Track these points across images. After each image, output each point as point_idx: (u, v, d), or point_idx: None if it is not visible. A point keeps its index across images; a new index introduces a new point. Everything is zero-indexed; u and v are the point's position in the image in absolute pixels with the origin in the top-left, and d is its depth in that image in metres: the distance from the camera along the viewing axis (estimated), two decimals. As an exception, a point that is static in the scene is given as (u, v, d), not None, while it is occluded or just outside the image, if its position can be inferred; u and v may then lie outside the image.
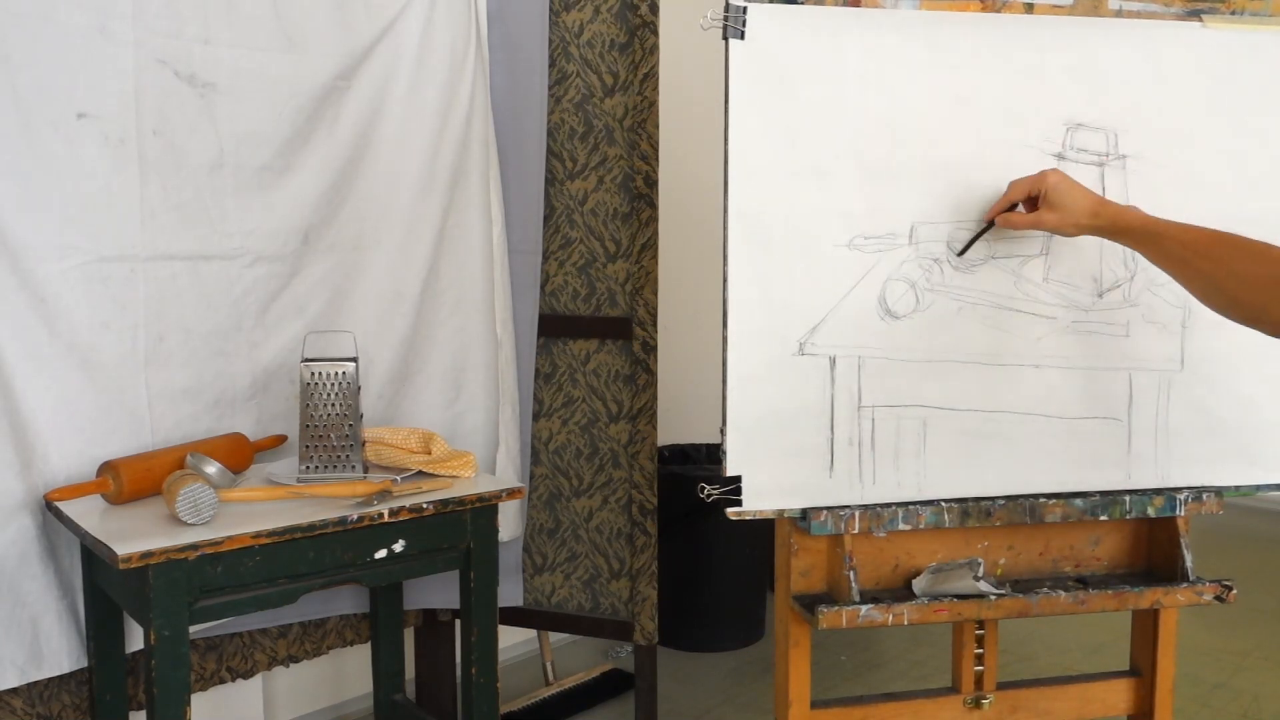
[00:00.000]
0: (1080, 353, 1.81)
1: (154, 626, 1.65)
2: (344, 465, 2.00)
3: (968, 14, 1.76)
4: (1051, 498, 1.81)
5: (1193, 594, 1.80)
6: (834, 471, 1.75)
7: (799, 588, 1.80)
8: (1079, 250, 1.80)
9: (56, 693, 1.96)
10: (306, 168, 2.20)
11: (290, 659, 2.35)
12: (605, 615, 2.55)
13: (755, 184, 1.70)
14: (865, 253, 1.74)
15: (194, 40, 2.02)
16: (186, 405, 2.07)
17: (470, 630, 2.03)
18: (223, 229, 2.09)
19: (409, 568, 1.97)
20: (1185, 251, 1.54)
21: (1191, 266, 1.53)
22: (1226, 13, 1.83)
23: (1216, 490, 1.86)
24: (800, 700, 1.83)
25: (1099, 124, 1.80)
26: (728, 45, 1.68)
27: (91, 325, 1.92)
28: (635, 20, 2.38)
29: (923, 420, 1.78)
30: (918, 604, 1.72)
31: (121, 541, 1.64)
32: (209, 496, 1.73)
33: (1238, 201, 1.84)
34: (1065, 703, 1.98)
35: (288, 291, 2.20)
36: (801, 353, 1.73)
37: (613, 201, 2.46)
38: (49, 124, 1.85)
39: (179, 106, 2.01)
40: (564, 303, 2.54)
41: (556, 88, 2.49)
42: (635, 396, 2.45)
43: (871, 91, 1.74)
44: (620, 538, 2.51)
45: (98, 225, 1.92)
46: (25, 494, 1.84)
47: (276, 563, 1.77)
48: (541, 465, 2.58)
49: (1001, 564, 1.87)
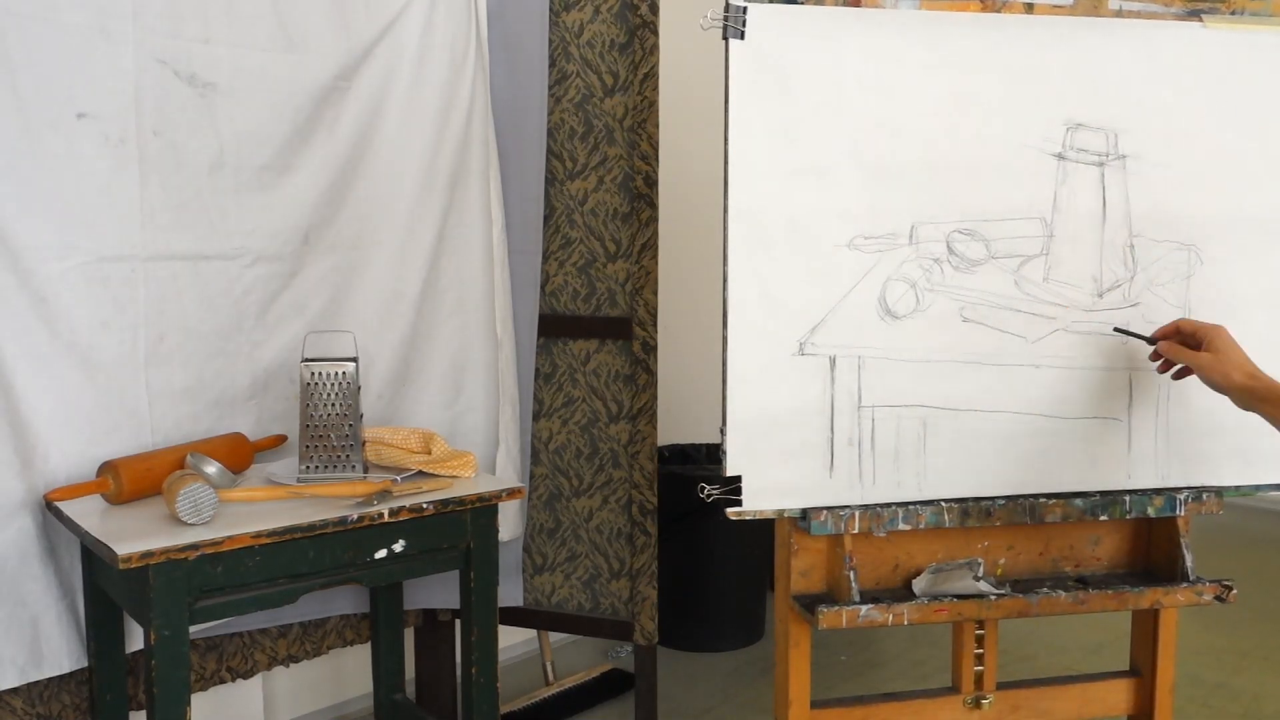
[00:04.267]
0: (1080, 353, 1.81)
1: (154, 626, 1.65)
2: (344, 465, 2.00)
3: (968, 14, 1.76)
4: (1051, 498, 1.81)
5: (1193, 594, 1.80)
6: (834, 471, 1.75)
7: (799, 588, 1.80)
8: (1079, 250, 1.80)
9: (56, 693, 1.96)
10: (307, 168, 2.20)
11: (290, 659, 2.35)
12: (605, 615, 2.54)
13: (755, 184, 1.70)
14: (865, 253, 1.74)
15: (194, 40, 2.02)
16: (186, 405, 2.07)
17: (470, 630, 2.03)
18: (223, 229, 2.09)
19: (409, 568, 1.97)
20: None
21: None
22: (1226, 13, 1.83)
23: (1216, 490, 1.86)
24: (800, 700, 1.83)
25: (1099, 124, 1.80)
26: (728, 45, 1.68)
27: (91, 325, 1.92)
28: (635, 20, 2.38)
29: (923, 420, 1.78)
30: (918, 604, 1.72)
31: (121, 541, 1.64)
32: (209, 496, 1.72)
33: (1238, 201, 1.84)
34: (1065, 703, 1.98)
35: (288, 291, 2.20)
36: (801, 353, 1.73)
37: (613, 201, 2.46)
38: (49, 124, 1.85)
39: (179, 106, 2.01)
40: (564, 303, 2.54)
41: (556, 88, 2.49)
42: (635, 396, 2.45)
43: (871, 91, 1.74)
44: (620, 538, 2.51)
45: (98, 225, 1.92)
46: (25, 494, 1.84)
47: (276, 563, 1.77)
48: (541, 465, 2.58)
49: (1001, 564, 1.87)
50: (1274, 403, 1.61)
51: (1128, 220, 1.82)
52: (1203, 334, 1.70)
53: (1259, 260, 1.86)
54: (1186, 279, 1.84)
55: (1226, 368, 1.65)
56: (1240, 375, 1.64)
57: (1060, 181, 1.80)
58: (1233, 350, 1.67)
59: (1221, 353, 1.66)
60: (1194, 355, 1.70)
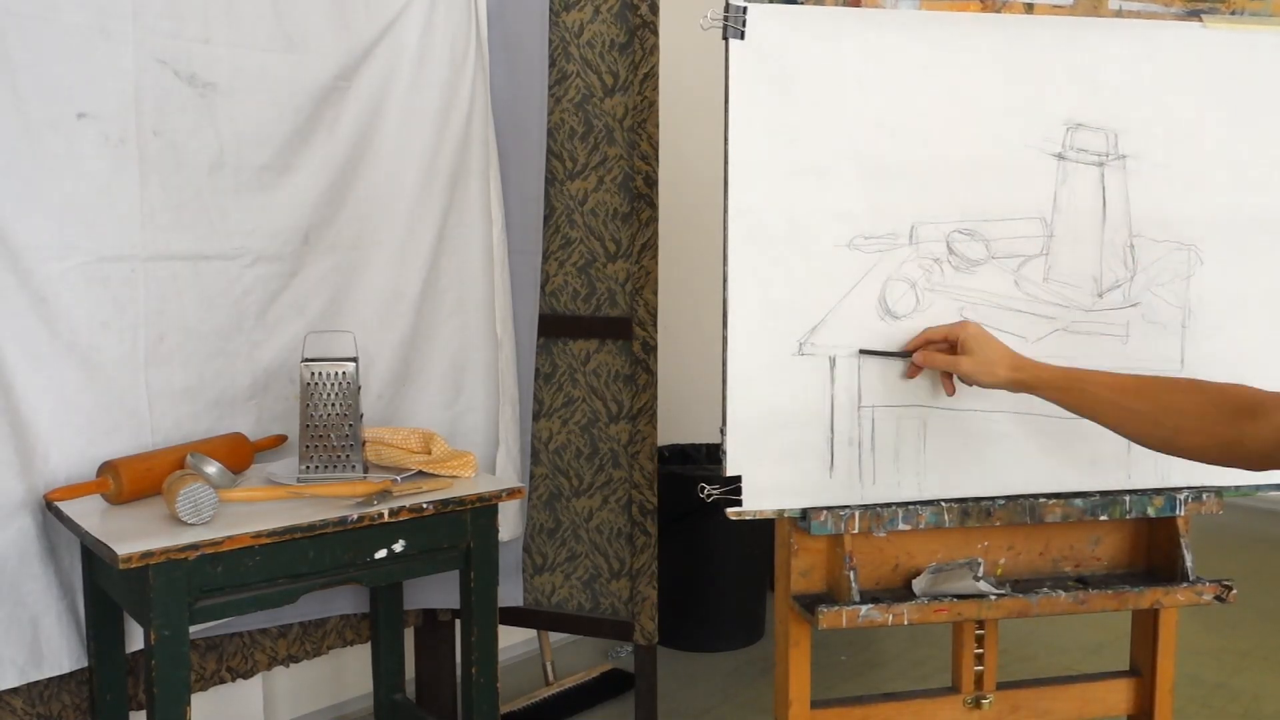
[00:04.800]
0: (1080, 353, 1.81)
1: (154, 626, 1.65)
2: (344, 465, 2.00)
3: (968, 14, 1.76)
4: (1051, 498, 1.81)
5: (1193, 594, 1.80)
6: (834, 471, 1.75)
7: (799, 588, 1.80)
8: (1079, 250, 1.80)
9: (57, 693, 1.96)
10: (307, 168, 2.20)
11: (290, 659, 2.35)
12: (605, 615, 2.55)
13: (755, 184, 1.70)
14: (865, 253, 1.74)
15: (194, 40, 2.02)
16: (186, 405, 2.07)
17: (470, 630, 2.03)
18: (223, 229, 2.09)
19: (409, 568, 1.97)
20: (1114, 394, 1.56)
21: (1124, 407, 1.55)
22: (1226, 13, 1.83)
23: (1216, 490, 1.86)
24: (800, 700, 1.83)
25: (1099, 124, 1.80)
26: (728, 45, 1.68)
27: (91, 325, 1.92)
28: (635, 20, 2.38)
29: (923, 420, 1.78)
30: (918, 604, 1.72)
31: (121, 541, 1.64)
32: (209, 496, 1.72)
33: (1238, 201, 1.84)
34: (1065, 703, 1.98)
35: (288, 291, 2.20)
36: (801, 353, 1.73)
37: (613, 201, 2.46)
38: (49, 124, 1.85)
39: (179, 106, 2.01)
40: (564, 303, 2.54)
41: (556, 88, 2.49)
42: (635, 396, 2.45)
43: (872, 91, 1.74)
44: (620, 538, 2.51)
45: (98, 225, 1.92)
46: (25, 494, 1.84)
47: (276, 563, 1.77)
48: (541, 465, 2.58)
49: (1001, 564, 1.87)
50: (1045, 387, 1.63)
51: (1128, 220, 1.82)
52: (953, 336, 1.69)
53: (1259, 260, 1.86)
54: (1186, 279, 1.84)
55: (991, 366, 1.65)
56: (1005, 370, 1.65)
57: (1060, 181, 1.80)
58: (989, 346, 1.66)
59: (978, 353, 1.66)
60: (954, 361, 1.68)
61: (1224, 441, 1.45)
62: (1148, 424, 1.54)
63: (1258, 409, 1.41)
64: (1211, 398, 1.48)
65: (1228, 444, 1.44)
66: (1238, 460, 1.46)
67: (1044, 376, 1.63)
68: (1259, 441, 1.41)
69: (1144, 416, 1.54)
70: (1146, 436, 1.56)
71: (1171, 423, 1.51)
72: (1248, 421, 1.41)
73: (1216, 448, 1.47)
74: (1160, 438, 1.54)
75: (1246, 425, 1.41)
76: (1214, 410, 1.46)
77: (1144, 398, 1.54)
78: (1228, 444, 1.44)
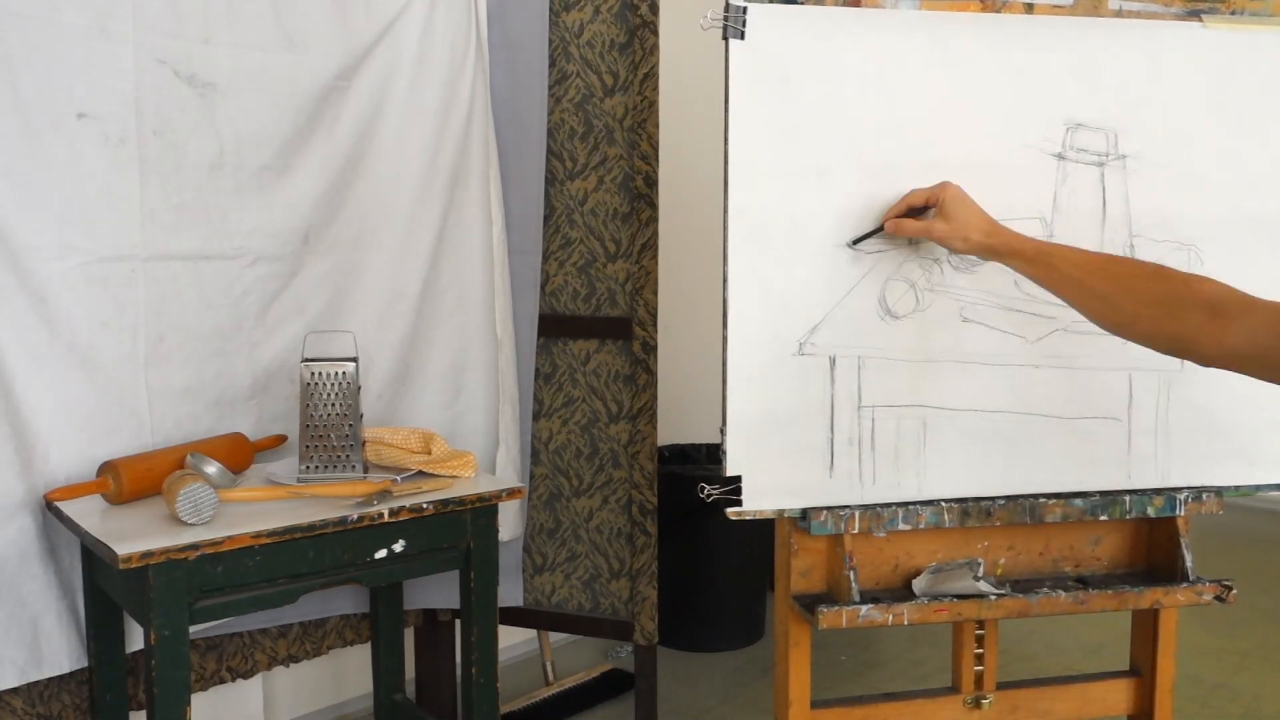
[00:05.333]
0: (1080, 353, 1.81)
1: (154, 626, 1.65)
2: (344, 465, 2.00)
3: (968, 14, 1.76)
4: (1051, 498, 1.81)
5: (1193, 594, 1.80)
6: (834, 471, 1.75)
7: (799, 588, 1.80)
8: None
9: (57, 693, 1.96)
10: (307, 168, 2.20)
11: (290, 659, 2.35)
12: (605, 615, 2.55)
13: (755, 184, 1.70)
14: (865, 253, 1.74)
15: (194, 40, 2.02)
16: (186, 405, 2.07)
17: (470, 630, 2.03)
18: (223, 229, 2.09)
19: (409, 568, 1.97)
20: (1079, 271, 1.54)
21: (1086, 286, 1.53)
22: (1226, 13, 1.83)
23: (1216, 490, 1.86)
24: (800, 700, 1.83)
25: (1099, 124, 1.80)
26: (728, 45, 1.68)
27: (91, 325, 1.92)
28: (635, 20, 2.38)
29: (923, 420, 1.78)
30: (918, 604, 1.72)
31: (121, 541, 1.64)
32: (209, 496, 1.72)
33: (1238, 201, 1.84)
34: (1065, 703, 1.98)
35: (288, 291, 2.20)
36: (801, 353, 1.73)
37: (613, 201, 2.46)
38: (49, 124, 1.85)
39: (179, 106, 2.01)
40: (564, 303, 2.54)
41: (556, 88, 2.49)
42: (635, 396, 2.45)
43: (871, 91, 1.74)
44: (620, 538, 2.51)
45: (98, 225, 1.92)
46: (25, 494, 1.84)
47: (276, 563, 1.77)
48: (541, 465, 2.58)
49: (1001, 564, 1.87)
50: (1014, 257, 1.62)
51: (1128, 220, 1.82)
52: (933, 199, 1.67)
53: (1259, 260, 1.86)
54: (1186, 279, 1.84)
55: (965, 230, 1.64)
56: (978, 234, 1.63)
57: (1060, 181, 1.80)
58: (966, 209, 1.65)
59: (954, 217, 1.64)
60: (925, 226, 1.66)
61: (1176, 334, 1.42)
62: (1106, 306, 1.51)
63: (1219, 309, 1.37)
64: (1175, 288, 1.44)
65: (1181, 338, 1.41)
66: (1189, 355, 1.43)
67: (1015, 246, 1.61)
68: (1213, 343, 1.38)
69: (1103, 298, 1.51)
70: (1103, 319, 1.53)
71: (1129, 308, 1.47)
72: (1206, 319, 1.38)
73: (1168, 339, 1.44)
74: (1115, 321, 1.51)
75: (1205, 323, 1.38)
76: (1175, 302, 1.42)
77: (1107, 279, 1.51)
78: (1181, 338, 1.41)
